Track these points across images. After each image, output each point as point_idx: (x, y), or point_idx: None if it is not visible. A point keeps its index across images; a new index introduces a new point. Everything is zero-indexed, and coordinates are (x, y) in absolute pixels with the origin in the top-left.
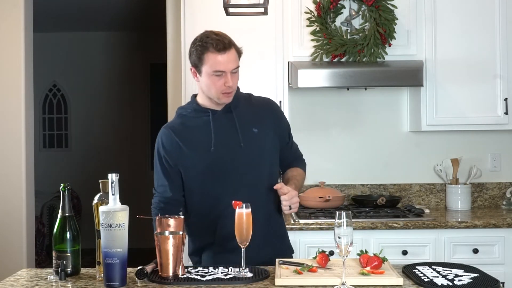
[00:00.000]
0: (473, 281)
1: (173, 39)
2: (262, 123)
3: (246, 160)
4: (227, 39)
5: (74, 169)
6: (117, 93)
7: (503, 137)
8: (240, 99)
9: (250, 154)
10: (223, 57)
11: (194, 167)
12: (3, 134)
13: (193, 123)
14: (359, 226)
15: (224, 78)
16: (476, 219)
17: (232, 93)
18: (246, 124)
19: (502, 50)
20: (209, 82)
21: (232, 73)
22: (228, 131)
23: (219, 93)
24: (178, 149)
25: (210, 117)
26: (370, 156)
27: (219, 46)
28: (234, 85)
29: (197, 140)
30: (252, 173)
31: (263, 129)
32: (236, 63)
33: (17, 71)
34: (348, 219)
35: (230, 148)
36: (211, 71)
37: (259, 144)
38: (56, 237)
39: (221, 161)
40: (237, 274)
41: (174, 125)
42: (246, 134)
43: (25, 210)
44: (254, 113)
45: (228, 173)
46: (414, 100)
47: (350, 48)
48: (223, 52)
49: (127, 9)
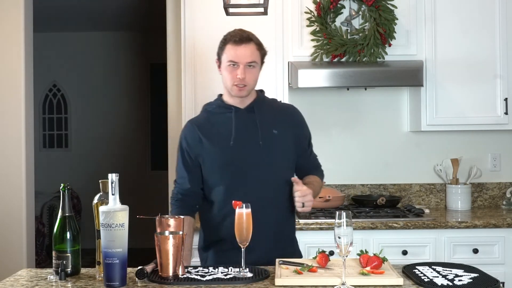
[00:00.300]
0: (473, 281)
1: (173, 39)
2: (282, 126)
3: (263, 159)
4: (246, 34)
5: (74, 169)
6: (117, 93)
7: (503, 137)
8: (265, 101)
9: (268, 154)
10: (238, 49)
11: (213, 161)
12: (3, 134)
13: (216, 118)
14: (359, 226)
15: (237, 69)
16: (476, 219)
17: (245, 88)
18: (267, 125)
19: (502, 50)
20: (225, 73)
21: (247, 67)
22: (248, 128)
23: (232, 84)
24: (199, 142)
25: (232, 114)
26: (370, 156)
27: (236, 39)
28: (248, 80)
29: (218, 134)
30: (268, 172)
31: (283, 132)
32: (252, 58)
33: (17, 71)
34: (348, 219)
35: (249, 145)
36: (226, 61)
37: (277, 145)
38: (56, 237)
39: (239, 156)
40: (237, 274)
41: (198, 120)
42: (266, 134)
43: (25, 210)
44: (276, 116)
45: (245, 169)
46: (414, 100)
47: (350, 48)
48: (239, 44)
49: (127, 9)
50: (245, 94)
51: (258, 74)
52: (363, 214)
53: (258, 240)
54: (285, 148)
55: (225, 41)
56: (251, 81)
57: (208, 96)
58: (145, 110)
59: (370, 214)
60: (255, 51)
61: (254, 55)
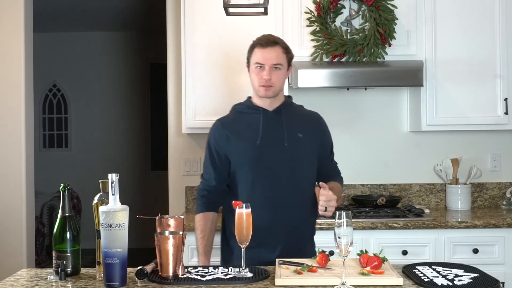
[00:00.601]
0: (473, 281)
1: (173, 39)
2: (307, 131)
3: (288, 159)
4: (273, 38)
5: (74, 169)
6: (117, 93)
7: (503, 137)
8: (292, 106)
9: (293, 155)
10: (264, 51)
11: (240, 157)
12: (3, 134)
13: (245, 118)
14: (359, 226)
15: (263, 71)
16: (476, 219)
17: (271, 88)
18: (293, 128)
19: (502, 50)
20: (252, 75)
21: (273, 69)
22: (275, 130)
23: (258, 85)
24: (227, 140)
25: (261, 115)
26: (370, 156)
27: (263, 42)
28: (274, 81)
29: (246, 133)
30: (291, 173)
31: (307, 136)
32: (277, 60)
33: (17, 71)
34: (348, 219)
35: (275, 145)
36: (253, 64)
37: (301, 147)
38: (56, 237)
39: (265, 155)
40: (237, 274)
41: (226, 119)
42: (291, 136)
43: (25, 210)
44: (301, 120)
45: (270, 167)
46: (414, 100)
47: (350, 48)
48: (265, 47)
49: (127, 9)
50: (271, 95)
51: (284, 76)
52: (363, 214)
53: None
54: (308, 151)
55: (253, 45)
56: (277, 82)
57: (208, 96)
58: (145, 110)
59: (370, 214)
60: (281, 54)
61: (280, 57)
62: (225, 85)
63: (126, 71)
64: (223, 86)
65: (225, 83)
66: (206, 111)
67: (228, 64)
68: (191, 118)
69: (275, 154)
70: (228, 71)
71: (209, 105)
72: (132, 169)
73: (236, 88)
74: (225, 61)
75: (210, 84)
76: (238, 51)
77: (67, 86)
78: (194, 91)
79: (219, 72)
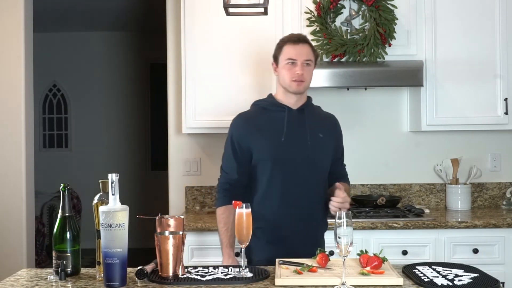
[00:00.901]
0: (473, 281)
1: (173, 39)
2: (327, 132)
3: (310, 158)
4: (303, 36)
5: (73, 169)
6: (117, 93)
7: (503, 137)
8: (313, 107)
9: (315, 154)
10: (296, 48)
11: (264, 154)
12: (3, 134)
13: (269, 114)
14: (359, 226)
15: (295, 66)
16: (476, 219)
17: (303, 83)
18: (314, 128)
19: (502, 50)
20: (283, 71)
21: (304, 64)
22: (298, 128)
23: (290, 80)
24: (251, 135)
25: (285, 112)
26: (370, 156)
27: (294, 39)
28: (305, 76)
29: (270, 129)
30: (310, 172)
31: (326, 137)
32: (308, 56)
33: (17, 71)
34: (348, 219)
35: (298, 143)
36: (285, 59)
37: (322, 147)
38: (56, 237)
39: (288, 153)
40: (237, 274)
41: (248, 114)
42: (313, 136)
43: (25, 210)
44: (321, 121)
45: (291, 165)
46: (414, 100)
47: (350, 48)
48: (296, 43)
49: (127, 9)
50: (302, 90)
51: (312, 73)
52: (363, 214)
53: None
54: (327, 152)
55: (283, 42)
56: (308, 78)
57: (208, 95)
58: (145, 110)
59: (370, 214)
60: (310, 51)
61: (310, 54)
62: (225, 85)
63: (126, 71)
64: (223, 86)
65: (225, 83)
66: (206, 111)
67: (228, 64)
68: (191, 118)
69: (298, 152)
70: (228, 71)
71: (209, 105)
72: (132, 169)
73: (236, 87)
74: (225, 61)
75: (210, 84)
76: (238, 51)
77: (67, 86)
78: (194, 91)
79: (219, 72)
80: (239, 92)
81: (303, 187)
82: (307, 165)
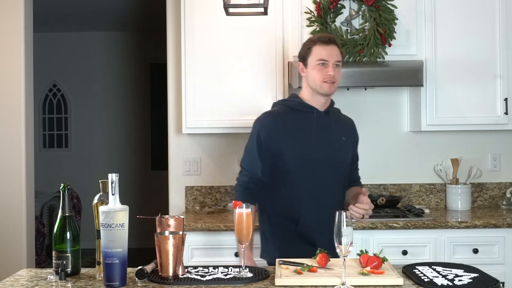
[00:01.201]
0: (473, 281)
1: (173, 39)
2: (348, 135)
3: (337, 160)
4: (333, 37)
5: (73, 169)
6: (117, 93)
7: (503, 137)
8: (335, 110)
9: (340, 156)
10: (327, 49)
11: (294, 156)
12: (3, 134)
13: (298, 115)
14: (359, 226)
15: (327, 67)
16: (476, 219)
17: (334, 84)
18: (339, 131)
19: (502, 50)
20: (313, 72)
21: (335, 65)
22: (325, 130)
23: (321, 81)
24: (280, 134)
25: (314, 114)
26: (370, 156)
27: (325, 39)
28: (336, 78)
29: (300, 131)
30: (335, 175)
31: (348, 140)
32: (339, 58)
33: (17, 71)
34: (348, 219)
35: (327, 146)
36: (315, 60)
37: (345, 150)
38: (56, 237)
39: (318, 154)
40: (237, 274)
41: (277, 112)
42: (338, 139)
43: (25, 210)
44: (343, 125)
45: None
46: (414, 100)
47: (350, 48)
48: (328, 44)
49: (127, 9)
50: (333, 91)
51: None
52: None
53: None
54: (348, 155)
55: (312, 43)
56: (339, 79)
57: (208, 95)
58: (145, 110)
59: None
60: (339, 52)
61: (339, 55)
62: (225, 85)
63: (126, 71)
64: (223, 86)
65: (225, 83)
66: (206, 111)
67: (228, 64)
68: (191, 118)
69: (326, 155)
70: (228, 70)
71: (209, 105)
72: (132, 169)
73: (236, 87)
74: (225, 61)
75: (210, 84)
76: (238, 51)
77: (67, 86)
78: (194, 91)
79: (219, 72)
80: (239, 92)
81: (329, 189)
82: (334, 168)
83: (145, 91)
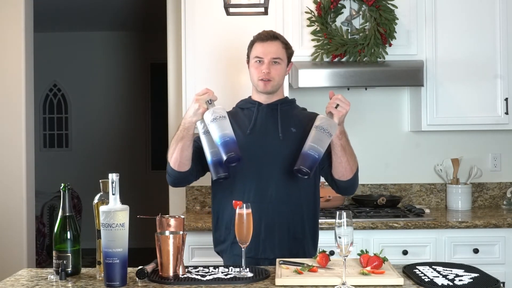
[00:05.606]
0: (473, 281)
1: (174, 39)
2: (301, 127)
3: (283, 151)
4: (273, 33)
5: (74, 169)
6: (117, 93)
7: (504, 137)
8: (291, 105)
9: (289, 147)
10: (264, 45)
11: None
12: (4, 133)
13: (243, 112)
14: (359, 226)
15: (262, 65)
16: (477, 219)
17: (270, 82)
18: (287, 122)
19: (502, 50)
20: (251, 70)
21: (272, 63)
22: (268, 122)
23: (257, 79)
24: None
25: (256, 107)
26: (370, 156)
27: (262, 36)
28: (273, 75)
29: (240, 124)
30: (286, 167)
31: (301, 132)
32: (277, 54)
33: (18, 71)
34: (348, 219)
35: (267, 137)
36: (253, 58)
37: (296, 141)
38: (56, 237)
39: (255, 146)
40: (237, 274)
41: (230, 113)
42: (285, 130)
43: (25, 210)
44: (297, 118)
45: (261, 159)
46: (415, 100)
47: (350, 48)
48: (265, 41)
49: (127, 9)
50: (270, 89)
51: (283, 72)
52: (364, 214)
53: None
54: (301, 145)
55: (253, 40)
56: (276, 77)
57: None
58: (145, 110)
59: (370, 214)
60: (280, 48)
61: (279, 52)
62: (225, 85)
63: (127, 71)
64: (224, 85)
65: (225, 82)
66: None
67: (228, 64)
68: None
69: (268, 146)
70: (229, 70)
71: None
72: (132, 169)
73: (236, 87)
74: (226, 61)
75: (211, 84)
76: (238, 50)
77: (67, 86)
78: (194, 91)
79: (219, 72)
80: (239, 92)
81: (277, 182)
82: (280, 160)
83: (145, 91)
